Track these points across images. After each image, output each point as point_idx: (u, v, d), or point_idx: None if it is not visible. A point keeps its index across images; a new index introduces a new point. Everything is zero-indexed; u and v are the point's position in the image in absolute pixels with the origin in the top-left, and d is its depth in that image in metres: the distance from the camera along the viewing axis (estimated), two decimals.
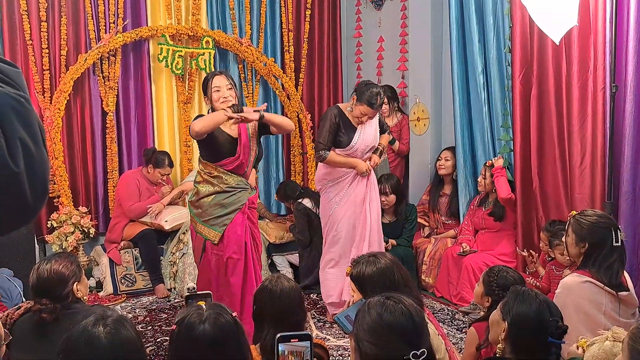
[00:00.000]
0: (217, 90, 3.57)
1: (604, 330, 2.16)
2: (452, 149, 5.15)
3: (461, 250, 4.72)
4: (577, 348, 2.11)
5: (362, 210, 4.33)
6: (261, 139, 3.78)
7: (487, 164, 4.68)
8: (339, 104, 4.42)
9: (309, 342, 1.74)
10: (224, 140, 3.58)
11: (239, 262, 3.58)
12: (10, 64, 0.93)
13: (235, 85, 3.69)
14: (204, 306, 1.84)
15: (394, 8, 6.04)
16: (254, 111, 3.55)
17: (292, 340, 1.74)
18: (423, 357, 1.63)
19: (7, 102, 0.87)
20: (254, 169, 3.80)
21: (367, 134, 4.30)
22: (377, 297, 1.76)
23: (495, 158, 4.68)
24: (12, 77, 0.91)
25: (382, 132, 4.49)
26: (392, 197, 5.04)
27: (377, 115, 4.36)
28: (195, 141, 3.75)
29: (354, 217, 4.31)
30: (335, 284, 4.36)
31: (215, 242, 3.56)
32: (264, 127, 3.71)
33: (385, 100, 5.65)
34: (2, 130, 0.84)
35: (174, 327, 1.81)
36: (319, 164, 4.40)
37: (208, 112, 3.68)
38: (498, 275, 2.75)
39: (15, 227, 0.92)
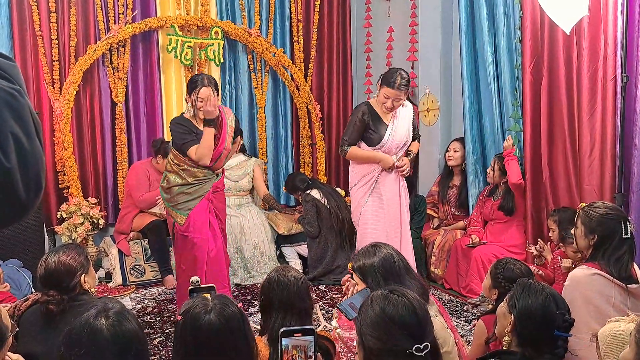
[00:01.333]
0: (201, 101, 3.86)
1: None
2: (461, 140, 5.12)
3: (470, 242, 4.70)
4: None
5: (396, 211, 4.32)
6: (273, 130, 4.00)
7: (504, 152, 4.62)
8: (369, 100, 4.40)
9: (313, 336, 1.74)
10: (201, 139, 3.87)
11: (203, 241, 3.91)
12: (6, 57, 0.92)
13: (217, 91, 3.96)
14: (209, 297, 1.85)
15: None
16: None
17: (295, 335, 1.73)
18: (426, 350, 1.62)
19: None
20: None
21: (398, 131, 4.27)
22: (380, 291, 1.76)
23: (506, 139, 4.63)
24: (7, 71, 0.90)
25: (414, 137, 4.48)
26: None
27: (411, 114, 4.35)
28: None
29: (384, 215, 4.30)
30: None
31: (181, 224, 3.91)
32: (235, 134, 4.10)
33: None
34: None
35: (179, 317, 1.81)
36: (350, 165, 4.46)
37: (188, 109, 3.99)
38: (505, 268, 2.74)
39: (8, 223, 0.91)
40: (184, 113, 4.04)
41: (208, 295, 1.86)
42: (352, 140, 4.30)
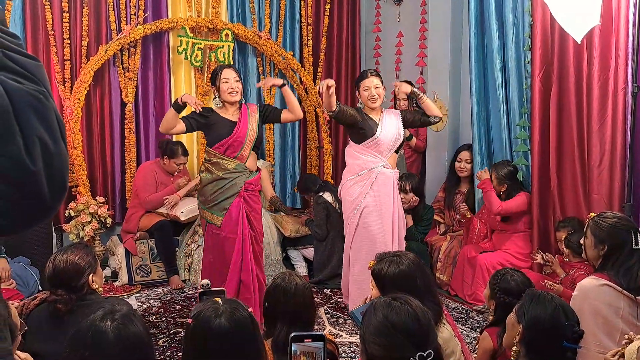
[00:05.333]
0: (226, 82, 3.93)
1: (621, 334, 2.12)
2: (469, 148, 5.10)
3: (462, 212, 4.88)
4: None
5: (389, 212, 4.25)
6: (280, 132, 4.06)
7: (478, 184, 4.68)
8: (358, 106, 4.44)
9: (323, 342, 1.74)
10: (223, 124, 3.94)
11: (235, 240, 3.93)
12: (31, 57, 0.93)
13: (242, 78, 4.09)
14: (220, 301, 1.85)
15: (413, 3, 6.02)
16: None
17: (305, 341, 1.73)
18: (430, 358, 1.62)
19: (25, 99, 0.86)
20: (253, 153, 4.06)
21: (388, 127, 4.24)
22: (384, 298, 1.76)
23: (481, 171, 4.70)
24: (32, 71, 0.91)
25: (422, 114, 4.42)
26: (411, 196, 4.99)
27: (398, 117, 4.33)
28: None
29: (381, 215, 4.24)
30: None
31: (219, 225, 3.93)
32: (266, 116, 4.14)
33: (404, 96, 5.62)
34: (20, 128, 0.84)
35: (189, 320, 1.82)
36: (346, 158, 4.43)
37: (213, 101, 4.12)
38: (502, 279, 2.70)
39: (33, 224, 0.92)
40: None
41: (219, 299, 1.86)
42: (343, 106, 4.23)
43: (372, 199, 4.21)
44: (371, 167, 4.23)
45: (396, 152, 4.37)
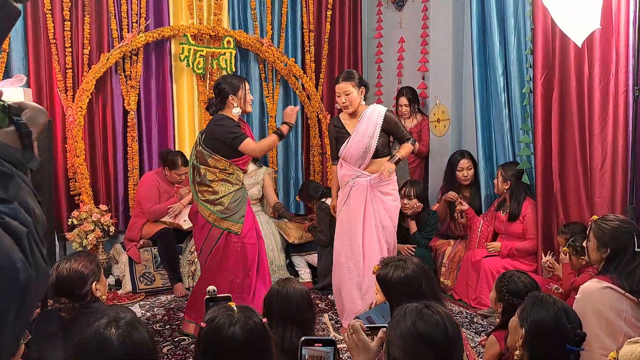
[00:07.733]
0: (248, 93, 3.97)
1: (624, 336, 2.11)
2: (468, 154, 5.11)
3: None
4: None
5: (358, 222, 4.16)
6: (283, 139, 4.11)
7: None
8: (340, 114, 4.36)
9: (332, 348, 1.74)
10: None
11: (254, 246, 4.00)
12: (45, 260, 0.79)
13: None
14: (235, 308, 1.84)
15: (415, 9, 6.03)
16: None
17: (315, 345, 1.74)
18: None
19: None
20: None
21: (360, 136, 4.11)
22: (416, 304, 1.74)
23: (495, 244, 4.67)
24: (38, 262, 0.76)
25: (402, 139, 4.25)
26: (414, 202, 4.99)
27: (380, 119, 4.13)
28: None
29: (349, 225, 4.20)
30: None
31: (239, 232, 3.89)
32: None
33: (407, 101, 5.65)
34: None
35: (202, 324, 1.82)
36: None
37: (233, 111, 3.89)
38: (509, 281, 2.71)
39: None
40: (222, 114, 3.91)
41: (233, 305, 1.86)
42: (333, 155, 4.39)
43: (345, 211, 4.23)
44: (347, 181, 4.21)
45: (383, 156, 4.17)
